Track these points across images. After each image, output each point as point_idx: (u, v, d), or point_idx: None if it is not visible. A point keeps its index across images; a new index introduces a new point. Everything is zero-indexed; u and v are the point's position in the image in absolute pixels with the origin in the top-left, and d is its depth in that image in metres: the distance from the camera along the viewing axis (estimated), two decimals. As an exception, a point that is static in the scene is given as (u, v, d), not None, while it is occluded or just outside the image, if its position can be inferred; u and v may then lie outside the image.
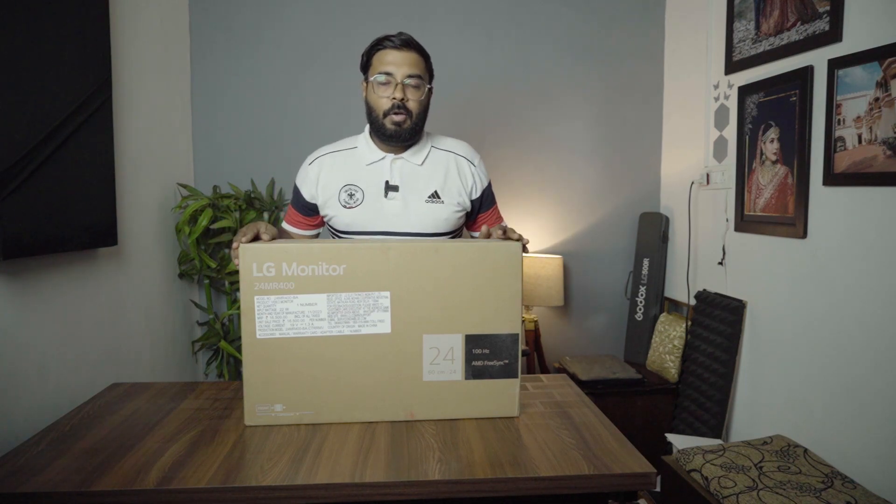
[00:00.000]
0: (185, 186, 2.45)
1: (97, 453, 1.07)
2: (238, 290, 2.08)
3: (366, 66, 1.47)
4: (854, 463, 1.71)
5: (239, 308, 2.00)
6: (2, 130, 1.27)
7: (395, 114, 1.41)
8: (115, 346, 1.86)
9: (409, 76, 1.41)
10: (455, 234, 1.59)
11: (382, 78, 1.41)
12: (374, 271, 1.16)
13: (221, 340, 2.42)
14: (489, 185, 1.59)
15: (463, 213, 1.55)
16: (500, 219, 1.65)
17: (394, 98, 1.40)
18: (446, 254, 1.17)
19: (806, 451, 1.79)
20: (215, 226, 2.31)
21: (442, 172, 1.51)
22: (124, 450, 1.08)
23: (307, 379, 1.17)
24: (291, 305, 1.14)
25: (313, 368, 1.16)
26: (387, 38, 1.43)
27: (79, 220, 1.56)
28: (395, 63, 1.40)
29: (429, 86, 1.47)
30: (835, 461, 1.76)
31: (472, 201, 1.55)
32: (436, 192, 1.49)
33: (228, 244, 2.43)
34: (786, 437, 1.90)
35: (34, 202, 1.38)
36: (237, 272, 1.24)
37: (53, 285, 1.54)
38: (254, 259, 1.13)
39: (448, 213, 1.50)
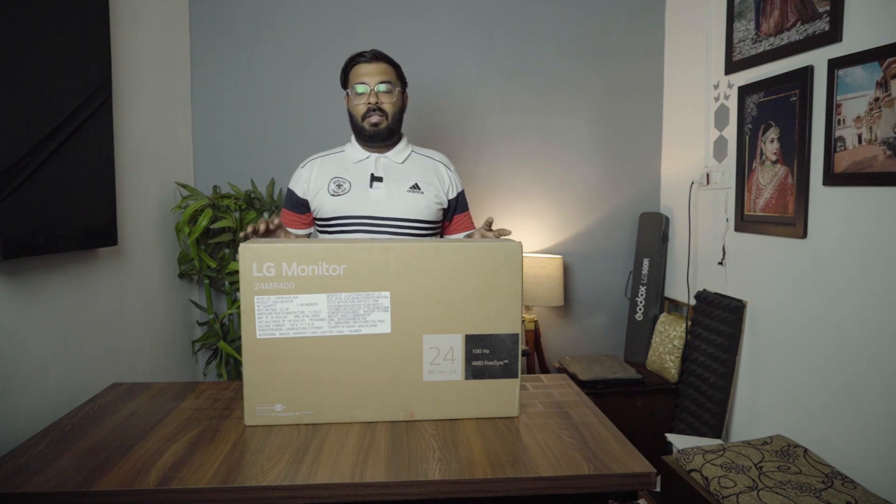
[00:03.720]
0: (185, 186, 2.44)
1: (97, 453, 1.07)
2: (238, 289, 2.08)
3: (345, 83, 1.67)
4: (854, 463, 1.71)
5: (239, 308, 2.00)
6: (2, 130, 1.27)
7: (371, 115, 1.60)
8: (115, 346, 1.85)
9: (381, 82, 1.61)
10: (435, 226, 1.71)
11: (360, 88, 1.61)
12: (374, 271, 1.16)
13: (221, 340, 2.42)
14: (463, 191, 1.77)
15: (440, 208, 1.70)
16: (471, 224, 1.80)
17: (369, 102, 1.60)
18: (446, 254, 1.17)
19: (806, 451, 1.79)
20: (215, 226, 2.30)
21: (421, 170, 1.69)
22: (124, 450, 1.08)
23: (307, 379, 1.17)
24: (291, 305, 1.15)
25: (313, 368, 1.16)
26: (359, 54, 1.63)
27: (79, 220, 1.56)
28: (369, 74, 1.61)
29: (399, 88, 1.65)
30: (835, 461, 1.76)
31: (448, 200, 1.72)
32: (416, 184, 1.66)
33: (228, 244, 2.44)
34: (786, 437, 1.90)
35: (34, 202, 1.38)
36: (237, 272, 1.24)
37: (53, 285, 1.54)
38: (254, 259, 1.13)
39: (428, 203, 1.65)
